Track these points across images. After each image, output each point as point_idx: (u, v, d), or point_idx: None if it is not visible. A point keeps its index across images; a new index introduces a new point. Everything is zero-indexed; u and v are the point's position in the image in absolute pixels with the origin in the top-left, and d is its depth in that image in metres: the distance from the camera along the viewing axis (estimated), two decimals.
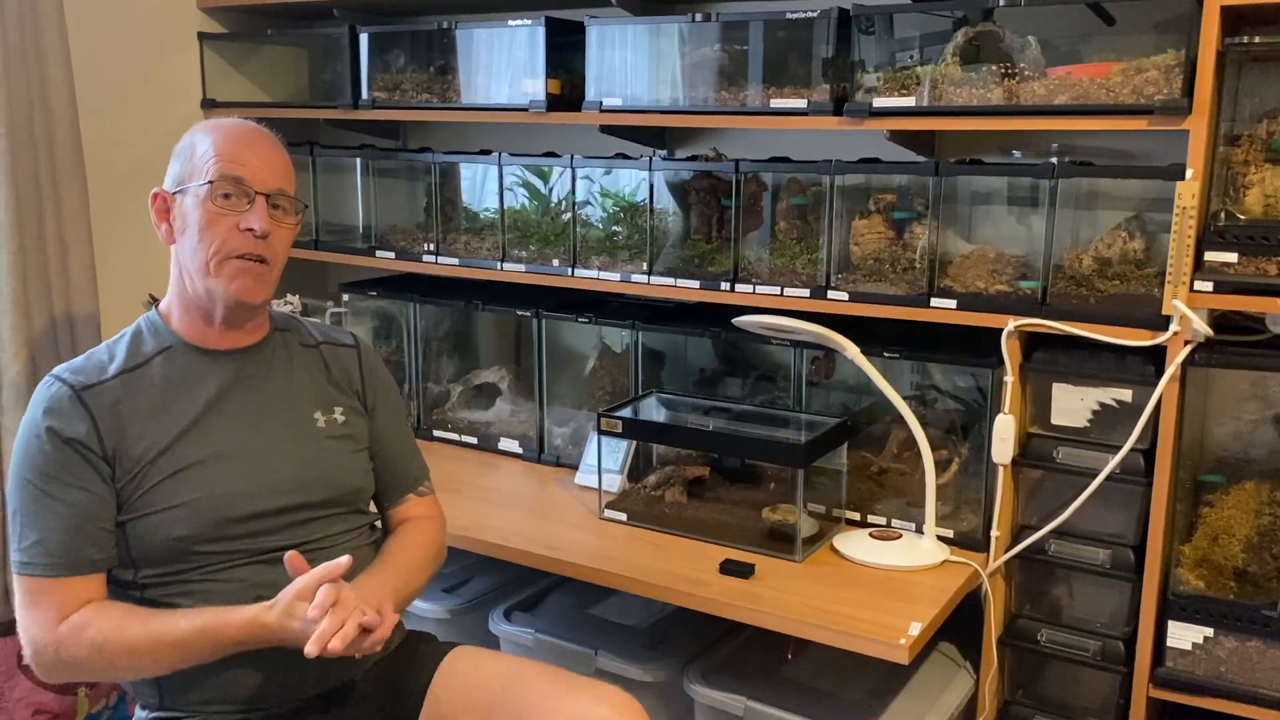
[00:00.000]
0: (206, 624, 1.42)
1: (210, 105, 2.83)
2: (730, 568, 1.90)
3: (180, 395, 1.54)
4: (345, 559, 1.42)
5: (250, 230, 1.51)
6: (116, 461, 1.48)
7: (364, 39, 2.57)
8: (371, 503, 1.74)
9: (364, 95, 2.58)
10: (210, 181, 1.51)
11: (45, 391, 1.51)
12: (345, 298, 2.77)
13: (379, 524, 1.76)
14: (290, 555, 1.43)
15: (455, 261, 2.50)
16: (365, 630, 1.38)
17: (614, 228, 2.35)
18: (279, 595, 1.41)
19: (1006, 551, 1.92)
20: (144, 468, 1.49)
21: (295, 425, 1.62)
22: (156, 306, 1.63)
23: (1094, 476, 1.82)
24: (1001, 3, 1.83)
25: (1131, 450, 1.80)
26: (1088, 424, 1.86)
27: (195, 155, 1.54)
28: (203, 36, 2.81)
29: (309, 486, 1.59)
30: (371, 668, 1.63)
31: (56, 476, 1.46)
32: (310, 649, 1.34)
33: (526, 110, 2.32)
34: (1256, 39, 1.63)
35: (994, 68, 1.85)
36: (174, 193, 1.56)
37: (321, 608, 1.36)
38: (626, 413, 2.21)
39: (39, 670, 1.47)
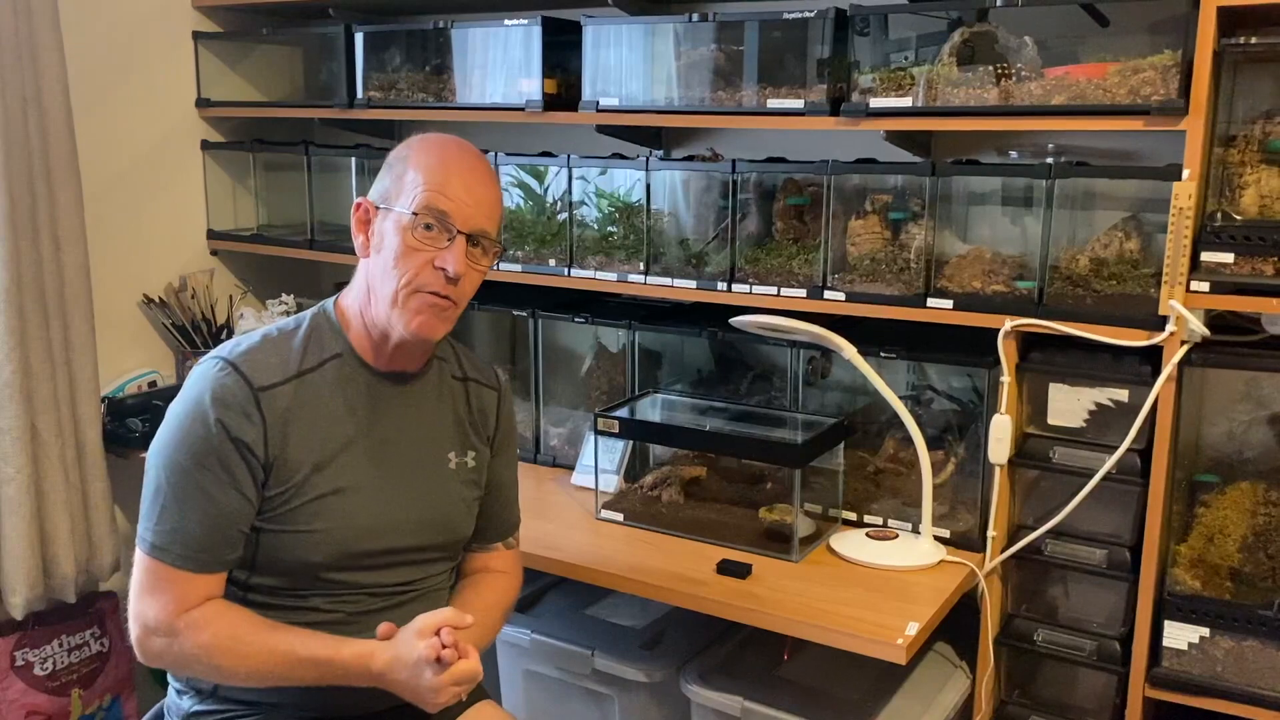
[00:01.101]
0: (318, 655, 1.42)
1: (205, 104, 2.82)
2: (727, 568, 1.89)
3: (339, 413, 1.52)
4: (470, 618, 1.42)
5: (443, 270, 1.47)
6: (273, 471, 1.46)
7: (359, 38, 2.57)
8: None
9: (359, 94, 2.58)
10: (414, 213, 1.47)
11: (218, 377, 1.45)
12: None
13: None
14: (384, 626, 1.44)
15: None
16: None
17: (609, 228, 2.34)
18: (392, 641, 1.42)
19: (1003, 551, 1.92)
20: (296, 485, 1.47)
21: (430, 464, 1.60)
22: (337, 300, 1.59)
23: (1090, 476, 1.82)
24: (998, 3, 1.83)
25: (1128, 450, 1.80)
26: (1084, 424, 1.87)
27: (405, 176, 1.50)
28: (197, 35, 2.80)
29: (428, 529, 1.58)
30: None
31: (213, 471, 1.43)
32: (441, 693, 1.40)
33: (523, 110, 2.32)
34: (1253, 39, 1.64)
35: (990, 68, 1.85)
36: (378, 207, 1.52)
37: (448, 651, 1.38)
38: (623, 413, 2.21)
39: (143, 654, 1.45)
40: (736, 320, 2.02)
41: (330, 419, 1.51)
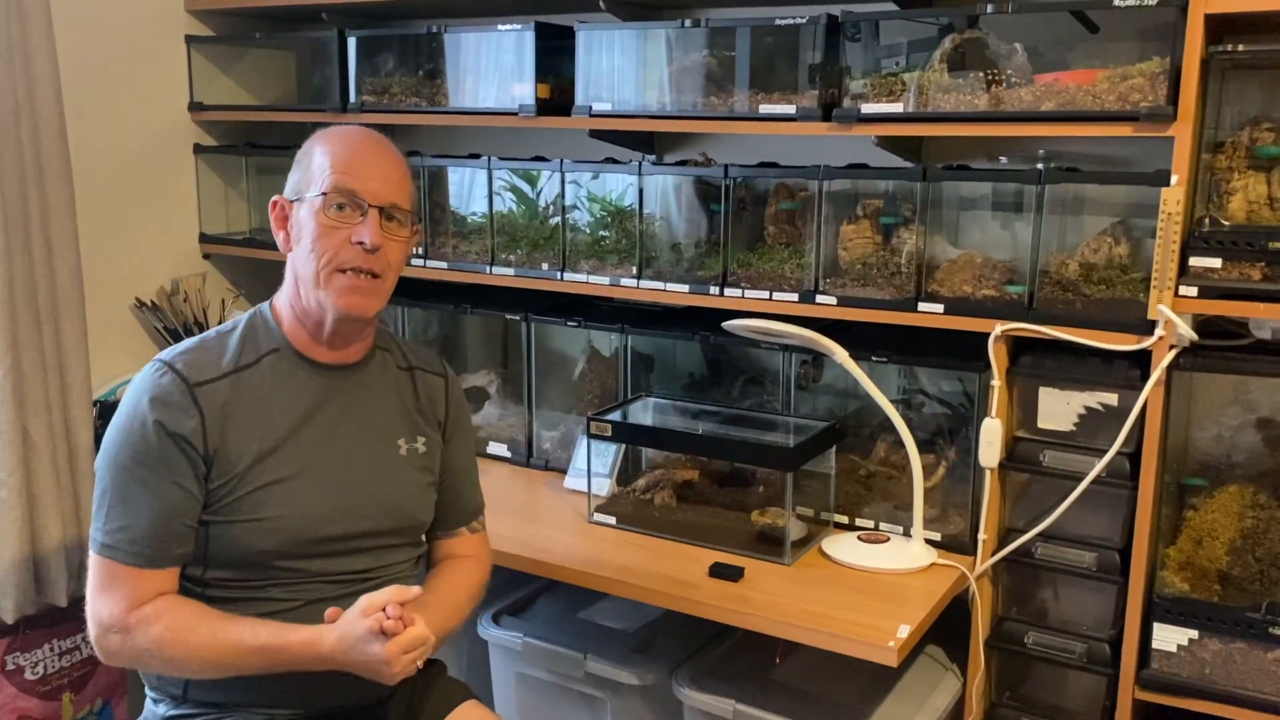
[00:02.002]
0: (267, 643, 1.43)
1: (197, 108, 2.82)
2: (719, 571, 1.90)
3: (281, 404, 1.54)
4: (416, 589, 1.44)
5: (360, 243, 1.50)
6: (215, 463, 1.48)
7: (352, 43, 2.57)
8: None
9: (352, 99, 2.58)
10: (324, 193, 1.51)
11: (155, 378, 1.50)
12: None
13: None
14: (330, 611, 1.45)
15: (444, 265, 2.50)
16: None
17: (601, 232, 2.35)
18: (339, 622, 1.42)
19: (994, 554, 1.93)
20: (239, 474, 1.49)
21: (380, 450, 1.62)
22: (272, 301, 1.62)
23: (1080, 480, 1.83)
24: (988, 10, 1.84)
25: (1117, 454, 1.81)
26: (1074, 428, 1.88)
27: (312, 165, 1.54)
28: (190, 39, 2.80)
29: (382, 514, 1.59)
30: (393, 693, 1.63)
31: (154, 468, 1.46)
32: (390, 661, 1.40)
33: (516, 114, 2.33)
34: (1240, 47, 1.65)
35: (980, 74, 1.86)
36: (292, 201, 1.56)
37: (391, 621, 1.38)
38: (616, 416, 2.21)
39: (101, 652, 1.48)
40: (729, 324, 2.03)
41: (272, 410, 1.53)
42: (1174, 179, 1.70)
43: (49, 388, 2.31)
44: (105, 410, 2.53)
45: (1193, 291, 1.71)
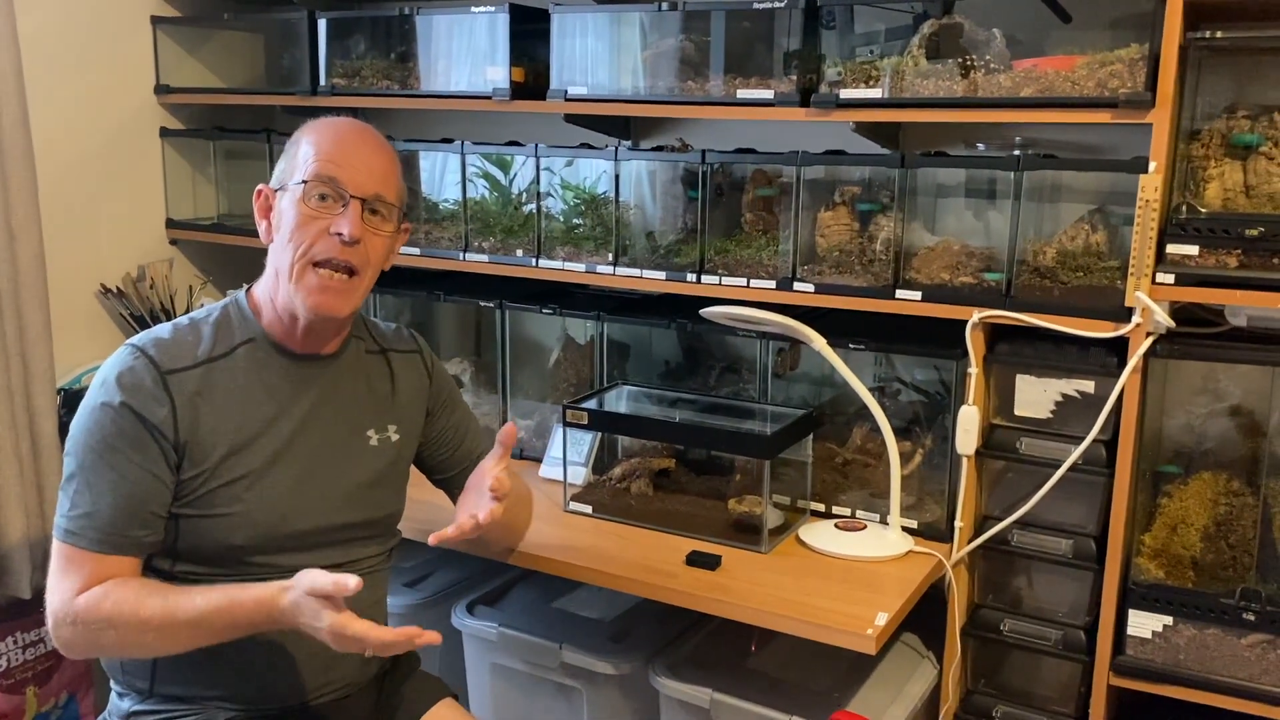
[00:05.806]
0: (220, 603, 1.37)
1: (164, 91, 2.77)
2: (696, 559, 1.89)
3: (255, 396, 1.51)
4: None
5: (339, 235, 1.46)
6: (185, 453, 1.45)
7: (322, 24, 2.53)
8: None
9: (322, 82, 2.54)
10: (305, 181, 1.47)
11: (127, 363, 1.46)
12: None
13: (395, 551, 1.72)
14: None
15: (416, 251, 2.47)
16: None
17: (575, 220, 2.32)
18: (295, 579, 1.35)
19: (970, 542, 1.93)
20: (210, 467, 1.46)
21: (350, 442, 1.59)
22: (249, 289, 1.59)
23: (1056, 467, 1.84)
24: None
25: (1093, 441, 1.81)
26: (1050, 415, 1.88)
27: (298, 153, 1.50)
28: (156, 20, 2.75)
29: (353, 507, 1.57)
30: (365, 687, 1.61)
31: (122, 451, 1.42)
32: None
33: (489, 98, 2.30)
34: (1218, 34, 1.65)
35: (958, 60, 1.85)
36: (276, 190, 1.52)
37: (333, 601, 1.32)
38: (592, 404, 2.20)
39: (57, 643, 1.43)
40: (706, 311, 2.01)
41: (246, 402, 1.50)
42: (1152, 166, 1.69)
43: (11, 376, 2.26)
44: (69, 399, 2.48)
45: (1170, 279, 1.71)
